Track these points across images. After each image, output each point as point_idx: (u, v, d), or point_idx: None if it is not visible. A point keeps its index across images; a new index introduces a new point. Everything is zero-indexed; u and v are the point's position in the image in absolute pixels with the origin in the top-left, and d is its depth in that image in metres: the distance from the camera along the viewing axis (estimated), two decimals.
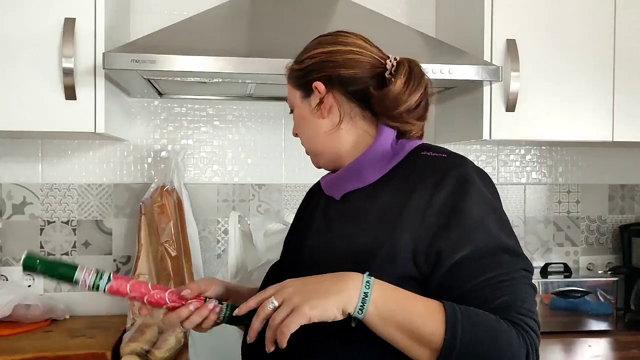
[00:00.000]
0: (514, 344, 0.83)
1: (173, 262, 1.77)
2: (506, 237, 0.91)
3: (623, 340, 1.86)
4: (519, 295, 0.87)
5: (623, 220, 2.26)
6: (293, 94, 1.09)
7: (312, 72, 1.04)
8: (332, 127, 1.04)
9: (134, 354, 1.53)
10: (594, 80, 1.81)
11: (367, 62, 1.02)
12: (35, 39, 1.54)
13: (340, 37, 1.06)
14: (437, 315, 0.82)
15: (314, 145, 1.08)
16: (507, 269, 0.88)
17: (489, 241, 0.89)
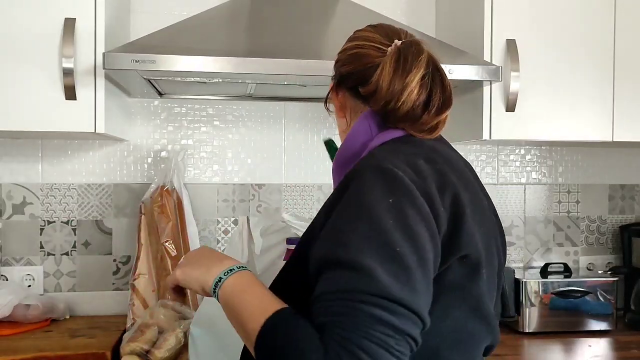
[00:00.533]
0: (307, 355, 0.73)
1: (173, 262, 1.77)
2: (362, 251, 0.76)
3: (623, 340, 1.86)
4: (344, 323, 0.73)
5: (623, 220, 2.26)
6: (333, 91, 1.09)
7: (333, 74, 1.05)
8: (346, 126, 1.03)
9: (133, 353, 1.53)
10: (594, 80, 1.81)
11: (366, 53, 0.96)
12: (35, 39, 1.54)
13: (356, 32, 1.02)
14: (261, 318, 0.79)
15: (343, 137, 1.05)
16: (342, 288, 0.75)
17: (332, 254, 0.78)
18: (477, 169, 2.16)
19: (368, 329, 0.72)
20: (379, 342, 0.71)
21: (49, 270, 1.95)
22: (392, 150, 0.89)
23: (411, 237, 0.77)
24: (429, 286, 0.79)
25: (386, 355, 0.71)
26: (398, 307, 0.73)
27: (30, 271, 1.93)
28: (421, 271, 0.77)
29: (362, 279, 0.74)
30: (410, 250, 0.76)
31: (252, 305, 0.82)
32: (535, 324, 1.90)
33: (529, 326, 1.89)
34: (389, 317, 0.72)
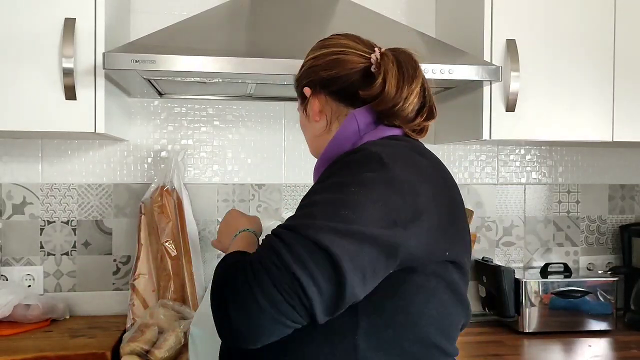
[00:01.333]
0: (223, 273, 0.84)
1: (173, 262, 1.77)
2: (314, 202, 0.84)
3: (623, 340, 1.86)
4: (258, 249, 0.82)
5: (623, 220, 2.27)
6: (300, 98, 1.14)
7: (302, 79, 1.11)
8: (324, 129, 1.08)
9: (133, 353, 1.53)
10: (594, 80, 1.81)
11: (349, 59, 1.03)
12: (35, 39, 1.54)
13: (327, 41, 1.09)
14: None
15: (313, 147, 1.13)
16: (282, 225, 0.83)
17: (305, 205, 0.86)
18: (477, 168, 2.17)
19: (264, 252, 0.79)
20: (264, 263, 0.77)
21: (49, 270, 1.95)
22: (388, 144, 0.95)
23: (370, 206, 0.81)
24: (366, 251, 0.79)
25: (269, 285, 0.76)
26: (300, 245, 0.77)
27: (30, 271, 1.93)
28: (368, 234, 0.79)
29: (294, 218, 0.83)
30: (360, 214, 0.80)
31: (232, 250, 1.02)
32: (535, 324, 1.90)
33: (529, 326, 1.89)
34: (281, 248, 0.77)
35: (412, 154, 0.95)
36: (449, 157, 2.15)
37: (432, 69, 1.54)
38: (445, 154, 2.15)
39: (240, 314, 0.77)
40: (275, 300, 0.76)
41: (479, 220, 2.14)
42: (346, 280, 0.76)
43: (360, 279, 0.78)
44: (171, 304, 1.72)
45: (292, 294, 0.75)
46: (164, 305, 1.71)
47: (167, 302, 1.72)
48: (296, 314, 0.77)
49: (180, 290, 1.77)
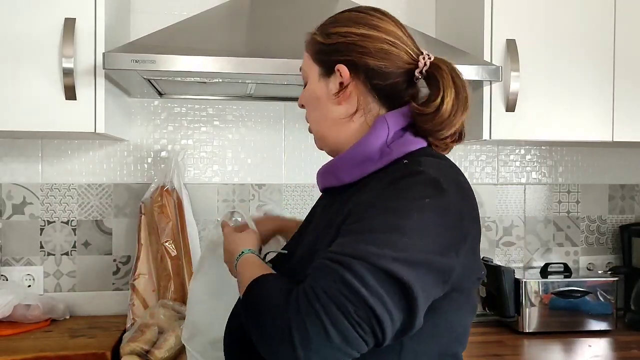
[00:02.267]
0: (275, 308, 0.79)
1: (173, 262, 1.77)
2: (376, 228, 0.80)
3: (623, 340, 1.86)
4: (317, 276, 0.78)
5: (623, 220, 2.26)
6: (310, 66, 1.01)
7: (338, 52, 0.96)
8: (344, 117, 0.98)
9: (133, 354, 1.53)
10: (594, 80, 1.81)
11: (400, 56, 0.95)
12: (35, 39, 1.54)
13: (376, 20, 0.96)
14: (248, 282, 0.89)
15: (320, 128, 1.02)
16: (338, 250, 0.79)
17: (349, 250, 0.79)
18: (477, 169, 2.16)
19: (333, 286, 0.75)
20: (336, 300, 0.74)
21: (49, 271, 1.95)
22: (439, 166, 0.91)
23: (432, 233, 0.80)
24: (433, 280, 0.80)
25: (338, 315, 0.74)
26: (372, 278, 0.74)
27: (30, 271, 1.93)
28: (432, 262, 0.79)
29: (357, 243, 0.78)
30: (424, 242, 0.79)
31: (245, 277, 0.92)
32: (535, 324, 1.90)
33: (529, 326, 1.89)
34: (356, 284, 0.74)
35: (458, 175, 0.93)
36: (449, 157, 2.14)
37: None
38: None
39: (308, 345, 0.75)
40: (347, 334, 0.74)
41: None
42: (418, 310, 0.77)
43: (425, 305, 0.79)
44: (171, 304, 1.72)
45: (366, 327, 0.74)
46: (164, 305, 1.71)
47: (167, 302, 1.72)
48: (364, 344, 0.76)
49: (180, 290, 1.77)
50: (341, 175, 0.97)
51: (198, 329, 1.30)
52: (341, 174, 0.97)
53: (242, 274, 0.96)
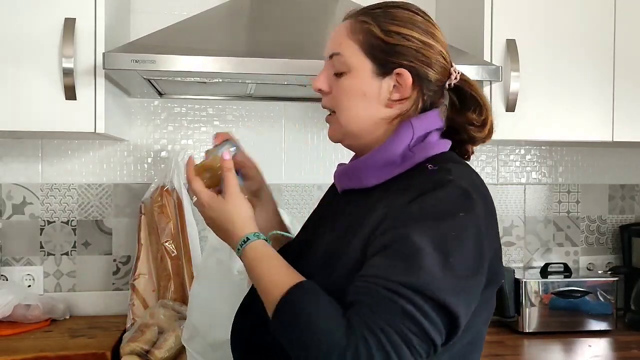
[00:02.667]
0: (334, 340, 0.76)
1: (173, 262, 1.77)
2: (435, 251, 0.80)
3: (623, 340, 1.86)
4: (378, 307, 0.77)
5: (623, 220, 2.26)
6: (358, 57, 0.95)
7: (399, 55, 0.93)
8: (386, 119, 0.95)
9: (133, 354, 1.53)
10: (594, 80, 1.81)
11: (446, 69, 0.96)
12: (35, 39, 1.54)
13: (433, 28, 0.96)
14: (276, 291, 0.85)
15: (353, 124, 0.96)
16: (388, 277, 0.78)
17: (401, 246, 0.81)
18: (477, 169, 2.15)
19: (398, 321, 0.75)
20: (404, 337, 0.75)
21: (49, 270, 1.95)
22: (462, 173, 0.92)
23: (470, 250, 0.82)
24: (472, 299, 0.83)
25: (406, 352, 0.75)
26: (431, 309, 0.76)
27: (30, 271, 1.93)
28: (472, 282, 0.82)
29: (408, 270, 0.78)
30: (466, 262, 0.81)
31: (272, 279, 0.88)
32: (535, 324, 1.90)
33: (529, 326, 1.89)
34: (420, 318, 0.76)
35: (480, 180, 0.94)
36: None
37: None
38: None
39: None
40: None
41: None
42: (458, 330, 0.80)
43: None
44: (171, 304, 1.72)
45: (424, 357, 0.78)
46: (164, 305, 1.71)
47: (167, 302, 1.72)
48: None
49: (180, 290, 1.77)
50: (364, 179, 0.95)
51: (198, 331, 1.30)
52: (364, 178, 0.95)
53: (257, 271, 0.91)
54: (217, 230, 1.00)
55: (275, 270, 0.89)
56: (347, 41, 0.95)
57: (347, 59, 0.95)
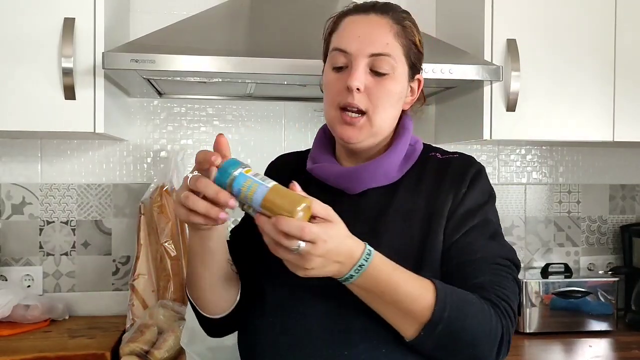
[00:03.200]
0: (492, 323, 0.89)
1: (172, 263, 1.77)
2: (499, 225, 1.03)
3: (624, 340, 1.86)
4: (499, 280, 0.95)
5: (624, 220, 2.26)
6: (400, 59, 1.00)
7: (421, 62, 1.06)
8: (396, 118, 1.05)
9: (133, 354, 1.53)
10: (594, 80, 1.80)
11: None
12: (34, 39, 1.54)
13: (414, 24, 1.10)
14: (427, 294, 0.87)
15: (385, 125, 1.01)
16: (493, 254, 0.96)
17: (485, 227, 1.00)
18: None
19: (512, 287, 0.96)
20: (515, 298, 0.96)
21: (48, 271, 1.94)
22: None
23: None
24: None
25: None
26: (516, 271, 0.99)
27: (30, 271, 1.92)
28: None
29: (503, 247, 0.99)
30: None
31: (410, 288, 0.87)
32: (536, 324, 1.89)
33: (529, 326, 1.89)
34: (516, 279, 0.98)
35: None
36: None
37: (432, 69, 1.53)
38: None
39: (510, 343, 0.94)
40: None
41: None
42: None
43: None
44: (171, 304, 1.72)
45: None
46: (164, 305, 1.70)
47: (166, 303, 1.72)
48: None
49: (180, 290, 1.76)
50: (392, 175, 1.01)
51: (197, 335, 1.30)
52: (392, 173, 1.01)
53: (393, 279, 0.86)
54: (332, 261, 0.81)
55: (406, 275, 0.88)
56: (393, 43, 0.99)
57: (395, 62, 0.99)
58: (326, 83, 1.04)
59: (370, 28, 0.99)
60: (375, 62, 0.98)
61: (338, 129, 1.00)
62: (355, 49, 0.98)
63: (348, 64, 0.99)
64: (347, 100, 0.98)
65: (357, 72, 0.97)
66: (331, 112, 1.01)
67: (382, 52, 0.98)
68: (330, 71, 1.02)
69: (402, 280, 0.87)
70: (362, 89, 0.98)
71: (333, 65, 1.01)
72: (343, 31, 1.01)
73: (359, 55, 0.98)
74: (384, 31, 0.99)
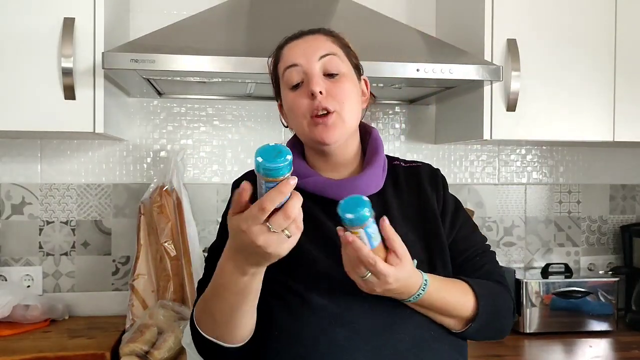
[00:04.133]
0: (508, 301, 1.13)
1: (172, 263, 1.77)
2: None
3: (624, 340, 1.85)
4: (496, 264, 1.18)
5: (624, 221, 2.26)
6: (346, 62, 1.11)
7: (359, 64, 1.16)
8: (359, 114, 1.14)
9: (133, 354, 1.53)
10: (594, 79, 1.80)
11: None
12: (34, 39, 1.54)
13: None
14: (468, 296, 1.06)
15: (350, 119, 1.09)
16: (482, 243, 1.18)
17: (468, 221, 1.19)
18: (477, 168, 2.16)
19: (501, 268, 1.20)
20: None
21: (48, 271, 1.94)
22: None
23: None
24: None
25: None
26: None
27: (29, 271, 1.92)
28: None
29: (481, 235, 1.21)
30: None
31: (455, 295, 1.05)
32: (536, 324, 1.89)
33: (529, 327, 1.89)
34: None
35: None
36: (449, 157, 2.14)
37: (433, 69, 1.53)
38: (446, 154, 2.14)
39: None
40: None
41: (480, 220, 2.14)
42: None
43: None
44: (171, 304, 1.72)
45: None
46: (164, 305, 1.70)
47: (166, 303, 1.72)
48: None
49: (179, 290, 1.76)
50: (380, 183, 1.12)
51: None
52: (380, 182, 1.12)
53: (446, 298, 1.03)
54: (392, 293, 0.97)
55: (450, 285, 1.06)
56: (333, 47, 1.10)
57: (338, 62, 1.09)
58: (290, 105, 1.11)
59: (309, 42, 1.10)
60: (325, 65, 1.07)
61: (315, 133, 1.07)
62: (304, 60, 1.07)
63: (303, 79, 1.07)
64: (314, 105, 1.05)
65: (314, 77, 1.05)
66: (303, 123, 1.09)
67: (327, 52, 1.08)
68: (289, 92, 1.09)
69: (449, 294, 1.04)
70: (324, 92, 1.05)
71: (289, 85, 1.09)
72: (287, 54, 1.11)
73: (310, 62, 1.07)
74: (321, 40, 1.10)
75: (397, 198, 1.13)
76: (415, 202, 1.13)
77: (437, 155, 2.14)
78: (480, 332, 1.08)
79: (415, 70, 1.54)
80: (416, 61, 1.55)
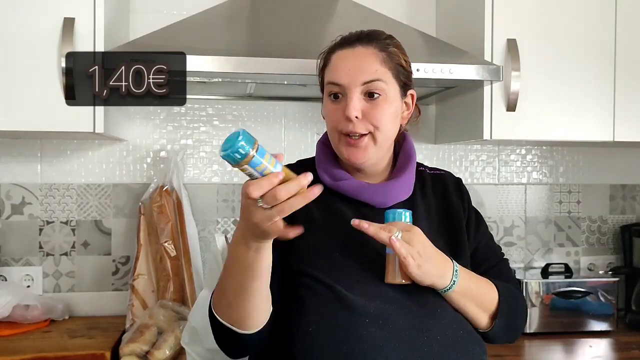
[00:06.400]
0: (524, 302, 1.25)
1: (172, 263, 1.77)
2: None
3: (624, 340, 1.85)
4: (511, 270, 1.28)
5: (624, 221, 2.26)
6: (391, 81, 1.10)
7: (411, 78, 1.15)
8: (396, 131, 1.15)
9: (133, 354, 1.53)
10: (594, 79, 1.80)
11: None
12: (34, 39, 1.54)
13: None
14: (493, 291, 1.13)
15: (384, 140, 1.11)
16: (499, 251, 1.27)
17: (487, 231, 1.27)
18: (477, 168, 2.16)
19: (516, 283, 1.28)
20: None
21: (48, 271, 1.94)
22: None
23: None
24: None
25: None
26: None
27: (29, 271, 1.92)
28: None
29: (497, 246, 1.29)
30: None
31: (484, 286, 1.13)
32: (536, 324, 1.89)
33: (530, 327, 1.88)
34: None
35: None
36: (449, 157, 2.14)
37: (433, 69, 1.53)
38: (446, 154, 2.14)
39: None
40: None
41: None
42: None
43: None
44: (170, 304, 1.72)
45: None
46: (164, 305, 1.70)
47: (166, 303, 1.72)
48: None
49: (179, 290, 1.76)
50: (411, 189, 1.16)
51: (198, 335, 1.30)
52: (411, 188, 1.16)
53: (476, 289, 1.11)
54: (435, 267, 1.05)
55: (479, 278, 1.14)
56: (382, 69, 1.08)
57: (386, 84, 1.09)
58: (326, 112, 1.13)
59: (358, 60, 1.08)
60: (368, 88, 1.07)
61: (344, 152, 1.11)
62: (347, 82, 1.07)
63: (343, 92, 1.08)
64: (348, 128, 1.08)
65: (352, 101, 1.06)
66: (335, 137, 1.12)
67: (372, 78, 1.07)
68: (328, 100, 1.11)
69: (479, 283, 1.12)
70: (360, 116, 1.07)
71: (329, 93, 1.11)
72: (334, 66, 1.10)
73: (352, 86, 1.07)
74: (371, 60, 1.08)
75: (425, 204, 1.17)
76: (440, 209, 1.19)
77: (437, 155, 2.14)
78: (504, 330, 1.14)
79: (415, 70, 1.54)
80: (416, 61, 1.54)
